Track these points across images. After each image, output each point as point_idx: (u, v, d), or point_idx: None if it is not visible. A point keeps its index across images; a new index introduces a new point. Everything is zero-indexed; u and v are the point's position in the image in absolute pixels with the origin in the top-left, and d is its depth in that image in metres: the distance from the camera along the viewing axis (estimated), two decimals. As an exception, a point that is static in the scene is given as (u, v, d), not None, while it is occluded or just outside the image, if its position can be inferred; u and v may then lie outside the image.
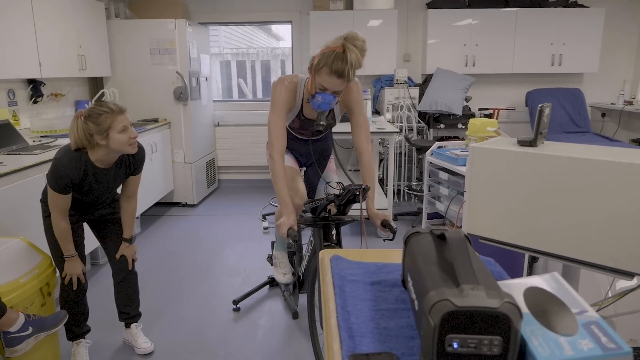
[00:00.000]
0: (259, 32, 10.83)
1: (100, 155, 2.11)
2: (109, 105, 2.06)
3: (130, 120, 2.12)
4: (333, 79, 1.87)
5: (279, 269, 2.68)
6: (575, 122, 5.43)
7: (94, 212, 2.38)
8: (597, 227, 1.11)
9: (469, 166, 1.29)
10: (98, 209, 2.39)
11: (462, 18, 5.29)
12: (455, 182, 3.10)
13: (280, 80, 2.10)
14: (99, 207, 2.38)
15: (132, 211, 2.45)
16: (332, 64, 1.82)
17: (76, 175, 2.07)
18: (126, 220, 2.45)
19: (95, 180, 2.17)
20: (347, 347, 0.74)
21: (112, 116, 2.04)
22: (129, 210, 2.44)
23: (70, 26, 3.91)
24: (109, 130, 2.03)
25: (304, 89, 2.12)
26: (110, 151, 2.10)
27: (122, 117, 2.07)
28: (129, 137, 2.08)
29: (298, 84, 2.11)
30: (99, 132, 2.03)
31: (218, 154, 6.02)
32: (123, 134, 2.06)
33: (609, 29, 5.67)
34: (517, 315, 0.59)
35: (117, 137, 2.05)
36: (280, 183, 2.02)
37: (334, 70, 1.84)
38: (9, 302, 1.92)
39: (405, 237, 0.89)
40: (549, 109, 1.28)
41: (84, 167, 2.10)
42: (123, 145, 2.08)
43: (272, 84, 2.11)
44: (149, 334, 2.70)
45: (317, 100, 1.98)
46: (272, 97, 2.09)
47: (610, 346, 0.59)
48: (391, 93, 5.29)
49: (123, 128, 2.06)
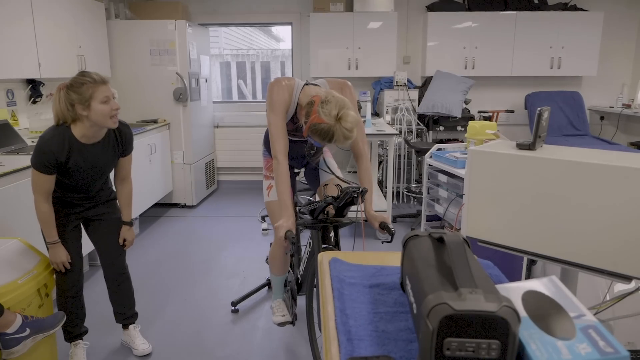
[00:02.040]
0: (258, 33, 10.84)
1: (84, 130, 2.08)
2: (91, 75, 2.03)
3: (113, 93, 2.08)
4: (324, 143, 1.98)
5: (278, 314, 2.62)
6: (574, 125, 5.44)
7: (90, 207, 2.34)
8: (595, 231, 1.11)
9: (468, 169, 1.30)
10: (94, 204, 2.34)
11: (462, 21, 5.30)
12: (454, 185, 3.10)
13: (277, 80, 2.10)
14: (95, 200, 2.33)
15: (128, 193, 2.44)
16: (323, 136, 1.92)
17: (60, 151, 2.04)
18: (123, 202, 2.43)
19: (81, 158, 2.12)
20: (345, 350, 0.74)
21: (94, 86, 2.01)
22: (124, 193, 2.42)
23: (69, 26, 3.91)
24: (90, 100, 2.00)
25: (299, 95, 2.11)
26: (93, 124, 2.06)
27: (104, 88, 2.03)
28: (111, 109, 2.04)
29: (294, 87, 2.11)
30: (80, 101, 2.00)
31: (217, 155, 6.02)
32: (104, 105, 2.03)
33: (607, 32, 5.69)
34: (515, 319, 0.59)
35: (98, 108, 2.01)
36: (283, 185, 2.02)
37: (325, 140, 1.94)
38: (7, 303, 1.91)
39: (404, 240, 0.89)
40: (548, 113, 1.28)
41: (67, 143, 2.06)
42: (104, 117, 2.04)
43: (269, 85, 2.10)
44: (147, 335, 2.70)
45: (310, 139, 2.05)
46: (270, 98, 2.08)
47: (608, 350, 0.59)
48: (391, 95, 5.30)
49: (105, 99, 2.02)
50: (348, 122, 1.89)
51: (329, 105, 1.89)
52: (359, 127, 2.24)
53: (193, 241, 4.21)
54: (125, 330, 2.59)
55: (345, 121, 1.88)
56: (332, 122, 1.87)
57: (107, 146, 2.22)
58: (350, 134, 1.91)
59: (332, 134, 1.88)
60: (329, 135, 1.89)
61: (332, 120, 1.87)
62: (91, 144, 2.15)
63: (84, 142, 2.11)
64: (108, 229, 2.41)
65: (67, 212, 2.27)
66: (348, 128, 1.89)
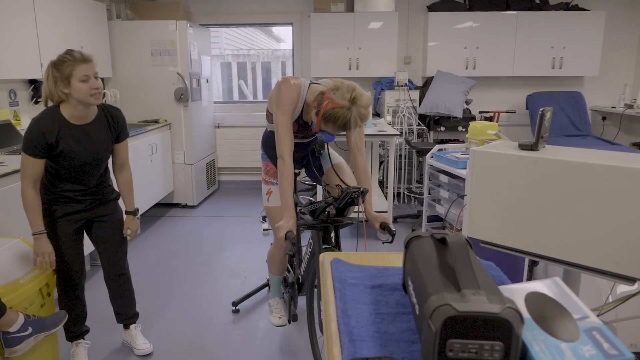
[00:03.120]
0: (259, 33, 10.84)
1: (71, 110, 2.07)
2: (73, 53, 2.01)
3: (95, 72, 2.06)
4: (338, 130, 1.96)
5: (275, 314, 2.65)
6: (575, 126, 5.43)
7: (91, 206, 2.30)
8: (598, 232, 1.10)
9: (470, 170, 1.29)
10: (95, 203, 2.30)
11: (463, 21, 5.30)
12: (456, 185, 3.10)
13: (285, 79, 2.08)
14: (95, 196, 2.29)
15: (128, 181, 2.42)
16: (339, 122, 1.90)
17: (50, 131, 2.02)
18: (124, 190, 2.42)
19: (73, 139, 2.09)
20: (347, 351, 0.74)
21: (74, 64, 1.99)
22: (124, 180, 2.41)
23: (71, 27, 3.91)
24: (70, 78, 1.99)
25: (307, 94, 2.10)
26: (77, 103, 2.05)
27: (85, 66, 2.01)
28: (90, 87, 2.02)
29: (301, 87, 2.10)
30: (61, 79, 2.00)
31: (218, 155, 6.02)
32: (84, 84, 2.01)
33: (609, 32, 5.68)
34: (518, 321, 0.59)
35: (77, 86, 2.00)
36: (287, 185, 2.01)
37: (340, 127, 1.92)
38: (9, 302, 1.92)
39: (406, 241, 0.88)
40: (550, 113, 1.28)
41: (57, 123, 2.05)
42: (84, 95, 2.02)
43: (277, 84, 2.08)
44: (147, 335, 2.70)
45: (320, 135, 2.04)
46: (279, 96, 2.05)
47: (612, 352, 0.58)
48: (391, 95, 5.29)
49: (84, 77, 2.00)
50: (363, 101, 1.89)
51: (340, 90, 1.89)
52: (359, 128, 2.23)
53: (194, 241, 4.20)
54: (126, 330, 2.58)
55: (361, 100, 1.88)
56: (347, 104, 1.87)
57: (99, 127, 2.19)
58: (367, 113, 1.91)
59: (349, 116, 1.87)
60: (346, 119, 1.88)
61: (347, 103, 1.87)
62: (81, 124, 2.12)
63: (73, 122, 2.09)
64: (110, 231, 2.39)
65: (68, 212, 2.24)
66: (364, 106, 1.89)
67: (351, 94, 1.88)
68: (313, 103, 1.98)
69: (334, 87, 1.90)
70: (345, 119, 1.88)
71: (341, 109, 1.87)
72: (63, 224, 2.23)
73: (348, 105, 1.87)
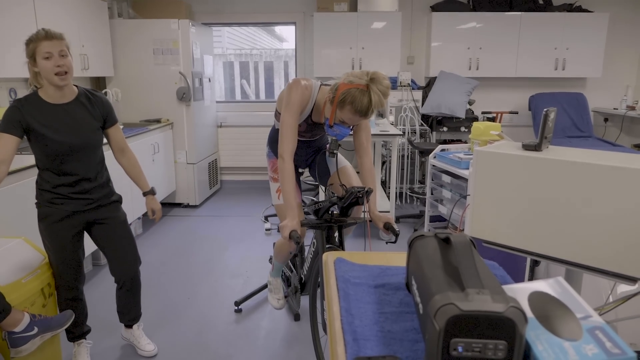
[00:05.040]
0: (262, 33, 10.85)
1: (46, 91, 2.05)
2: (39, 31, 1.99)
3: (62, 49, 2.00)
4: (356, 116, 1.90)
5: (274, 295, 2.70)
6: (578, 127, 5.43)
7: (91, 207, 2.22)
8: (601, 232, 1.11)
9: (474, 170, 1.29)
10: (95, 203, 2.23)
11: (466, 21, 5.29)
12: (458, 186, 3.10)
13: (297, 81, 2.08)
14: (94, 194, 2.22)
15: (133, 162, 2.39)
16: (357, 104, 1.84)
17: (27, 105, 2.00)
18: (133, 173, 2.39)
19: (57, 119, 2.06)
20: (351, 351, 0.74)
21: (36, 42, 1.97)
22: (130, 163, 2.38)
23: (73, 25, 3.92)
24: (35, 56, 1.97)
25: (317, 95, 2.11)
26: (48, 85, 2.03)
27: (48, 43, 1.97)
28: (53, 65, 1.97)
29: (312, 88, 2.11)
30: (28, 56, 1.99)
31: (220, 154, 6.03)
32: (47, 61, 1.96)
33: (612, 34, 5.67)
34: (522, 320, 0.59)
35: (42, 64, 1.97)
36: (289, 185, 2.02)
37: (358, 110, 1.86)
38: (10, 302, 1.91)
39: (410, 241, 0.89)
40: (554, 114, 1.28)
41: (37, 104, 2.03)
42: (49, 73, 1.98)
43: (288, 85, 2.08)
44: (149, 335, 2.70)
45: (334, 130, 2.00)
46: (288, 97, 2.05)
47: (615, 351, 0.59)
48: (394, 95, 5.29)
49: (46, 54, 1.96)
50: (382, 79, 1.83)
51: (355, 74, 1.85)
52: (365, 126, 2.23)
53: (196, 241, 4.21)
54: (129, 329, 2.58)
55: (379, 77, 1.83)
56: (365, 83, 1.81)
57: (79, 107, 2.14)
58: (388, 91, 1.84)
59: (369, 96, 1.81)
60: (366, 99, 1.81)
61: (364, 82, 1.81)
62: (59, 104, 2.09)
63: (50, 102, 2.07)
64: (115, 233, 2.31)
65: (65, 215, 2.17)
66: (385, 85, 1.83)
67: (368, 73, 1.84)
68: (327, 95, 1.96)
69: (346, 74, 1.89)
70: (366, 98, 1.82)
71: (358, 88, 1.82)
72: (61, 229, 2.17)
73: (365, 84, 1.82)
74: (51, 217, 2.15)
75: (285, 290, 2.78)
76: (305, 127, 2.24)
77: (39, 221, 2.17)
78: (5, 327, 1.87)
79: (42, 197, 2.16)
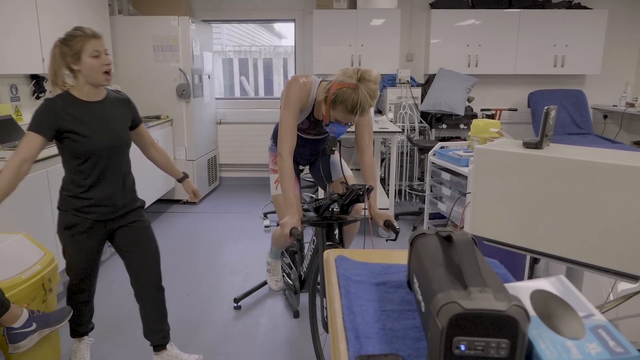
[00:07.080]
0: (261, 30, 10.82)
1: (79, 90, 1.99)
2: (83, 29, 1.96)
3: (106, 49, 1.98)
4: (349, 115, 1.94)
5: (272, 276, 2.71)
6: (577, 124, 5.43)
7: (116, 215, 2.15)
8: (602, 230, 1.11)
9: (474, 167, 1.29)
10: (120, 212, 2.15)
11: (466, 18, 5.29)
12: (458, 183, 3.10)
13: (295, 79, 2.08)
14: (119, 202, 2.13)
15: (164, 153, 2.40)
16: (348, 103, 1.89)
17: (65, 109, 1.94)
18: (166, 163, 2.40)
19: (91, 114, 2.00)
20: (353, 348, 0.74)
21: (85, 39, 1.93)
22: (160, 155, 2.38)
23: (73, 22, 3.90)
24: (80, 53, 1.92)
25: (317, 91, 2.11)
26: (84, 84, 1.98)
27: (95, 42, 1.94)
28: (102, 64, 1.95)
29: (312, 84, 2.11)
30: (71, 54, 1.93)
31: (220, 151, 6.02)
32: (95, 59, 1.93)
33: (611, 30, 5.67)
34: (524, 318, 0.59)
35: (89, 62, 1.92)
36: (288, 182, 2.02)
37: (349, 110, 1.90)
38: (11, 298, 1.92)
39: (411, 239, 0.89)
40: (555, 112, 1.28)
41: (72, 101, 1.97)
42: (96, 72, 1.95)
43: (287, 83, 2.09)
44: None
45: (331, 129, 2.03)
46: (287, 95, 2.06)
47: (618, 350, 0.59)
48: (394, 92, 5.29)
49: (95, 53, 1.93)
50: (371, 76, 1.88)
51: (347, 72, 1.90)
52: (367, 123, 2.23)
53: (195, 238, 4.21)
54: (163, 350, 2.31)
55: (369, 75, 1.88)
56: (355, 82, 1.87)
57: (112, 105, 2.09)
58: (376, 89, 1.90)
59: (358, 95, 1.86)
60: (356, 97, 1.86)
61: (354, 81, 1.87)
62: (93, 101, 2.03)
63: (84, 99, 2.01)
64: (139, 238, 2.20)
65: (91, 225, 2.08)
66: (373, 81, 1.88)
67: (357, 71, 1.88)
68: (322, 95, 1.99)
69: (341, 72, 1.92)
70: (356, 96, 1.86)
71: (348, 88, 1.86)
72: (87, 238, 2.09)
73: (355, 83, 1.86)
74: (78, 227, 2.06)
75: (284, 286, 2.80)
76: (309, 124, 2.23)
77: (63, 229, 2.07)
78: (3, 323, 1.87)
79: (68, 204, 2.06)
